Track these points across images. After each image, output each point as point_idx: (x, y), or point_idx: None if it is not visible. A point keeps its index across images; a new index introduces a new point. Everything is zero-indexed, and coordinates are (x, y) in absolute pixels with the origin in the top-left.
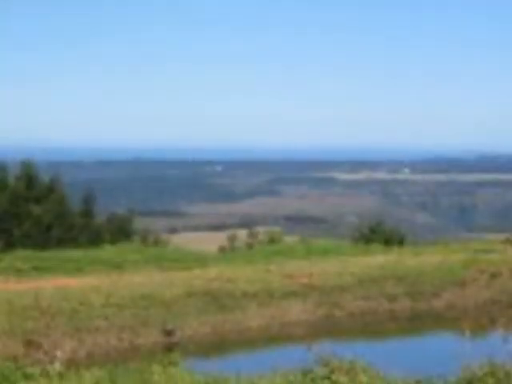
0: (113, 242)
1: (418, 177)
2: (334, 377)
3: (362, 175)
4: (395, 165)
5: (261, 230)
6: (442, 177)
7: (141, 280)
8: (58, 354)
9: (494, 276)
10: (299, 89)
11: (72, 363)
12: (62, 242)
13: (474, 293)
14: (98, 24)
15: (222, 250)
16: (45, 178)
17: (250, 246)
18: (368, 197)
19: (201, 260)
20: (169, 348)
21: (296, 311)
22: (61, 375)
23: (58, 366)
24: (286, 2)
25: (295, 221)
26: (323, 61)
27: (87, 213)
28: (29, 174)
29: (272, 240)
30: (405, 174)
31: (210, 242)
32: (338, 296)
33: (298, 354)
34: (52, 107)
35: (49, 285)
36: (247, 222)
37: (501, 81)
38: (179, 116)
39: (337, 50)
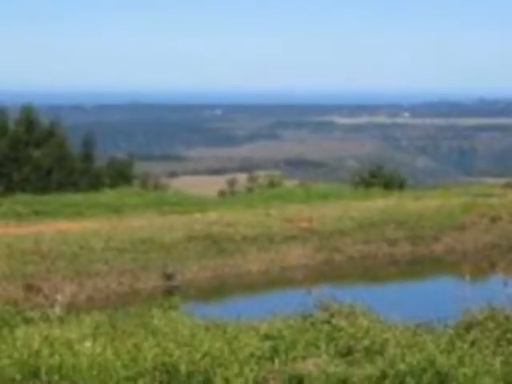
0: (113, 186)
1: (418, 121)
2: (333, 321)
3: (361, 119)
4: (395, 109)
5: (261, 174)
6: (441, 121)
7: (141, 224)
8: (58, 297)
9: (493, 220)
10: (300, 32)
11: (72, 307)
12: (61, 186)
13: (474, 237)
14: None
15: (221, 194)
16: (45, 122)
17: (249, 190)
18: (368, 141)
19: (201, 204)
20: (169, 292)
21: (296, 255)
22: (61, 319)
23: (58, 309)
24: None
25: (295, 165)
26: (324, 3)
27: (87, 157)
28: (29, 118)
29: (272, 184)
30: (405, 118)
31: (209, 186)
32: (337, 240)
33: (297, 299)
34: (52, 51)
35: (49, 229)
36: (247, 166)
37: (502, 24)
38: (179, 59)
39: None
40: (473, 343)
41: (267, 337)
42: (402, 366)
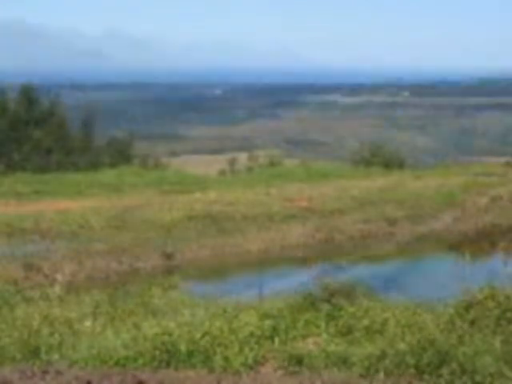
0: (112, 165)
1: (418, 100)
2: (333, 300)
3: (362, 98)
4: (395, 88)
5: (261, 153)
6: (441, 100)
7: (141, 203)
8: (58, 277)
9: (493, 199)
10: (300, 11)
11: (72, 286)
12: (61, 166)
13: (474, 216)
14: None
15: (222, 173)
16: (45, 101)
17: (249, 170)
18: (368, 120)
19: (201, 183)
20: (169, 271)
21: (296, 234)
22: (61, 298)
23: (57, 289)
24: None
25: (295, 144)
26: None
27: (87, 136)
28: (29, 97)
29: (272, 163)
30: (405, 97)
31: (210, 165)
32: (337, 219)
33: (297, 278)
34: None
35: (49, 208)
36: (247, 146)
37: (502, 3)
38: (180, 38)
39: None
40: (473, 322)
41: (267, 316)
42: (402, 346)
